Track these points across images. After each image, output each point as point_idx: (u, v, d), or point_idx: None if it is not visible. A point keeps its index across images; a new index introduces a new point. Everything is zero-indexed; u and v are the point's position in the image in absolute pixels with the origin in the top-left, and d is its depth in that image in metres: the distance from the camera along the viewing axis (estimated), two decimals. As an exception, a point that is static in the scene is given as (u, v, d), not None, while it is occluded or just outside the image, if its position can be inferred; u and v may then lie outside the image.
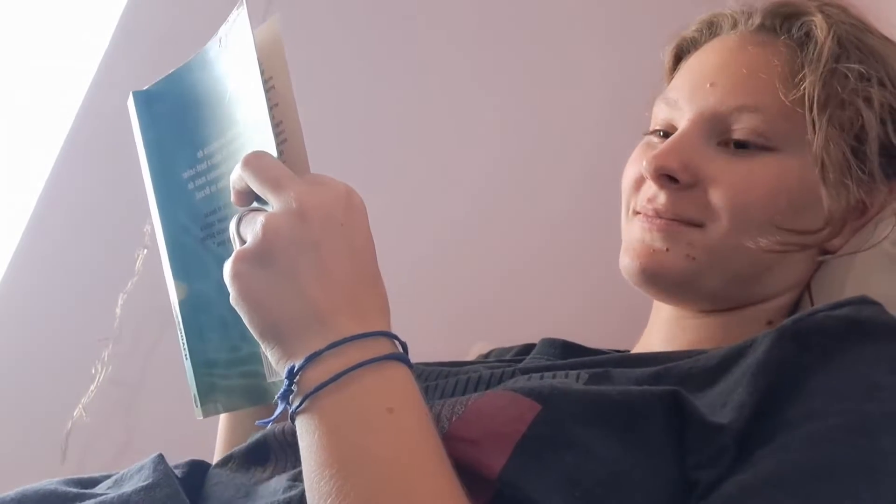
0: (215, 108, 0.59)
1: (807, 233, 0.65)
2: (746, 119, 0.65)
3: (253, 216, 0.52)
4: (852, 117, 0.65)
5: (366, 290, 0.52)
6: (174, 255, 0.64)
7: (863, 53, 0.67)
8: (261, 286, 0.51)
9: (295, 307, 0.50)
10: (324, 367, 0.49)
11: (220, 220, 0.61)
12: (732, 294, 0.68)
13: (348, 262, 0.51)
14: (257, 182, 0.52)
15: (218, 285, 0.54)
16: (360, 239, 0.53)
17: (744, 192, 0.65)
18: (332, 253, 0.51)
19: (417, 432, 0.48)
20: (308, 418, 0.49)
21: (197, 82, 0.61)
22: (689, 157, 0.66)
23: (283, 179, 0.52)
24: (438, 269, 1.23)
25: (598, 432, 0.49)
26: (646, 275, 0.67)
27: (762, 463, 0.49)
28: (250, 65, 0.54)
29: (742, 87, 0.66)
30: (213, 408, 0.64)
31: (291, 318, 0.50)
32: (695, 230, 0.66)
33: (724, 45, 0.71)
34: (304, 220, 0.50)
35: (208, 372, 0.63)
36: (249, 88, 0.54)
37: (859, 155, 0.65)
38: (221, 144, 0.59)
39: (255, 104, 0.54)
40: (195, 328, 0.63)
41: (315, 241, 0.50)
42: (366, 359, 0.49)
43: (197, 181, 0.62)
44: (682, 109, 0.69)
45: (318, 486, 0.47)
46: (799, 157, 0.65)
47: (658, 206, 0.67)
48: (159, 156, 0.65)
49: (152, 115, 0.65)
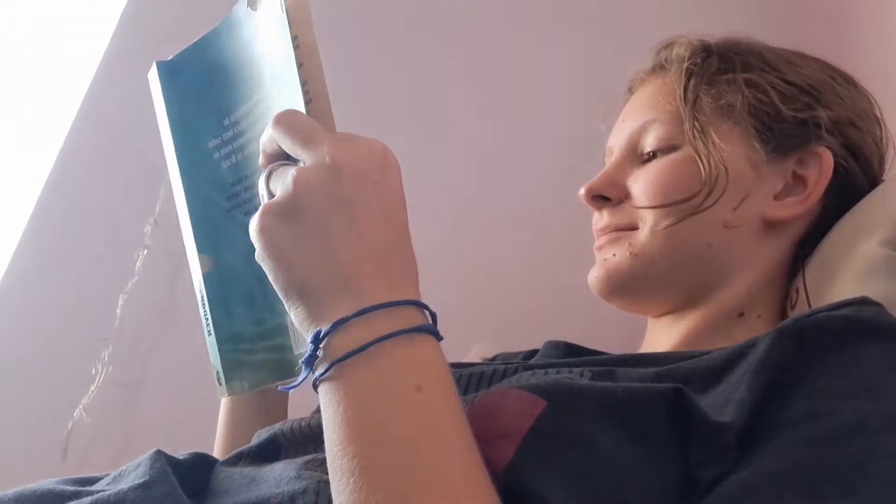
0: (241, 71, 0.58)
1: (686, 199, 0.72)
2: (650, 132, 0.76)
3: (284, 169, 0.51)
4: (717, 99, 0.74)
5: (397, 255, 0.51)
6: (199, 229, 0.63)
7: (725, 51, 0.77)
8: (288, 242, 0.49)
9: (323, 267, 0.49)
10: (351, 335, 0.47)
11: (246, 189, 0.60)
12: (688, 281, 0.74)
13: (381, 223, 0.50)
14: (289, 139, 0.51)
15: (245, 256, 0.53)
16: (394, 200, 0.51)
17: (651, 188, 0.74)
18: (365, 212, 0.49)
19: (445, 413, 0.47)
20: (332, 388, 0.47)
21: (224, 47, 0.60)
22: (614, 178, 0.77)
23: (316, 135, 0.50)
24: (438, 269, 1.23)
25: (602, 428, 0.49)
26: (601, 281, 0.76)
27: (762, 461, 0.49)
28: (278, 22, 0.53)
29: (643, 110, 0.79)
30: (239, 385, 0.62)
31: (318, 278, 0.49)
32: (632, 233, 0.75)
33: (633, 94, 0.84)
34: (338, 175, 0.49)
35: (234, 348, 0.61)
36: (278, 47, 0.53)
37: (742, 126, 0.73)
38: (249, 108, 0.58)
39: (283, 63, 0.53)
40: (220, 302, 0.62)
41: (348, 198, 0.49)
42: (395, 329, 0.47)
43: (223, 150, 0.61)
44: (612, 150, 0.81)
45: (340, 462, 0.46)
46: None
47: (601, 226, 0.78)
48: (183, 128, 0.64)
49: (176, 86, 0.64)
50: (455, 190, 1.24)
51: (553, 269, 1.19)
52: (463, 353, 1.02)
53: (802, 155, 0.74)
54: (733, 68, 0.76)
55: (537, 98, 1.27)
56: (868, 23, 0.77)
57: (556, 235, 1.19)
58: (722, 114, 0.74)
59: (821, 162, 0.74)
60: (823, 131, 0.74)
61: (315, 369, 0.48)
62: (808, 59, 0.79)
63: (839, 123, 0.75)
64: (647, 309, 0.79)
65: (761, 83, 0.75)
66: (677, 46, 0.80)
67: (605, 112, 0.88)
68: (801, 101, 0.75)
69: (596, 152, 0.87)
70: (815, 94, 0.75)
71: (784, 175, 0.74)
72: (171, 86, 0.64)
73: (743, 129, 0.74)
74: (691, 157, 0.73)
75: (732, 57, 0.77)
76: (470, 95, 1.27)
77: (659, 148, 0.75)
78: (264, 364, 0.60)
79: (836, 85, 0.77)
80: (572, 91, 1.26)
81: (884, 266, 0.68)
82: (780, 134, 0.74)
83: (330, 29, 1.27)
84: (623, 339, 0.84)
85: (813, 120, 0.74)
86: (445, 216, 1.24)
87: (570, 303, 1.13)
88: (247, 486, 0.56)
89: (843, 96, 0.77)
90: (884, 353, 0.54)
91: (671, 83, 0.77)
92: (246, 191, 0.60)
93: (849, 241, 0.72)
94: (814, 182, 0.74)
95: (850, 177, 0.76)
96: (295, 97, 0.52)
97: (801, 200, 0.74)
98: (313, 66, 0.53)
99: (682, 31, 0.82)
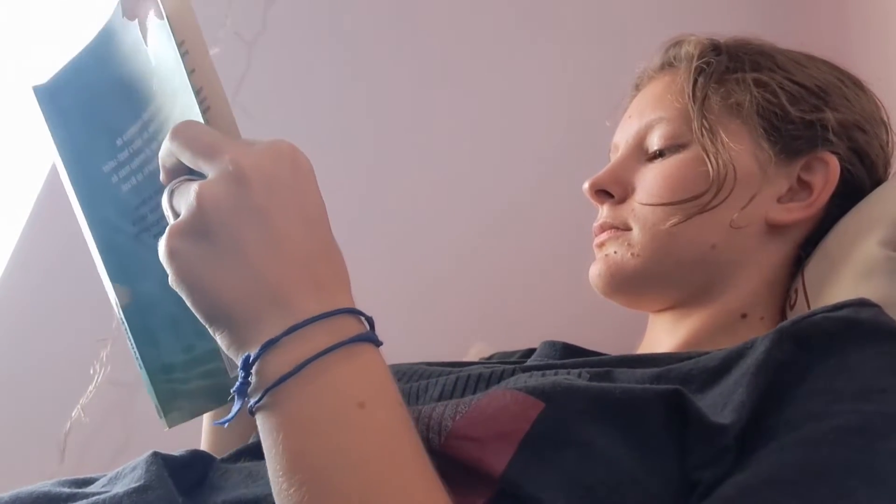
0: (128, 86, 0.53)
1: (694, 198, 0.71)
2: (657, 130, 0.76)
3: (186, 185, 0.47)
4: (726, 98, 0.74)
5: (323, 260, 0.47)
6: (109, 259, 0.58)
7: (734, 50, 0.77)
8: (201, 263, 0.45)
9: (243, 286, 0.45)
10: (284, 356, 0.44)
11: (152, 210, 0.55)
12: (691, 280, 0.74)
13: (301, 229, 0.46)
14: (188, 152, 0.47)
15: (161, 282, 0.48)
16: (310, 202, 0.47)
17: (658, 186, 0.74)
18: (281, 219, 0.45)
19: (392, 427, 0.45)
20: (269, 415, 0.44)
21: (104, 61, 0.54)
22: (619, 174, 0.77)
23: (217, 143, 0.46)
24: (438, 269, 1.23)
25: (600, 430, 0.49)
26: (603, 278, 0.75)
27: (761, 463, 0.48)
28: (161, 29, 0.48)
29: (650, 108, 0.78)
30: (179, 416, 0.58)
31: (240, 298, 0.45)
32: (629, 233, 0.74)
33: (639, 91, 0.83)
34: (244, 183, 0.45)
35: (167, 378, 0.57)
36: (165, 55, 0.49)
37: (751, 126, 0.73)
38: (142, 125, 0.54)
39: (173, 71, 0.49)
40: (145, 333, 0.57)
41: (259, 206, 0.45)
42: (331, 344, 0.44)
43: (121, 172, 0.56)
44: (618, 147, 0.80)
45: (287, 493, 0.43)
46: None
47: (601, 221, 0.77)
48: (74, 154, 0.58)
49: (59, 110, 0.58)
50: (454, 190, 1.24)
51: (553, 269, 1.19)
52: (462, 352, 1.02)
53: (809, 159, 0.74)
54: (742, 67, 0.75)
55: (538, 96, 1.28)
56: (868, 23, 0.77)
57: (556, 235, 1.19)
58: (730, 113, 0.74)
59: (827, 169, 0.73)
60: (831, 133, 0.73)
61: (249, 397, 0.45)
62: (816, 61, 0.79)
63: (846, 126, 0.75)
64: (648, 305, 0.78)
65: (770, 83, 0.74)
66: (686, 44, 0.79)
67: (604, 112, 0.88)
68: (809, 102, 0.74)
69: (596, 152, 0.87)
70: (823, 96, 0.75)
71: (789, 178, 0.74)
72: (54, 110, 0.59)
73: (751, 128, 0.73)
74: (699, 156, 0.73)
75: (742, 56, 0.76)
76: (470, 96, 1.27)
77: (666, 146, 0.75)
78: (201, 391, 0.56)
79: (844, 87, 0.77)
80: (570, 89, 1.26)
81: (883, 266, 0.68)
82: (787, 135, 0.73)
83: (331, 26, 1.27)
84: (622, 339, 0.84)
85: (820, 122, 0.74)
86: (445, 216, 1.24)
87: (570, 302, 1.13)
88: (244, 482, 0.56)
89: (850, 99, 0.76)
90: (882, 354, 0.54)
91: (680, 81, 0.77)
92: (152, 212, 0.55)
93: (848, 241, 0.71)
94: (819, 189, 0.73)
95: (855, 181, 0.75)
96: (190, 106, 0.48)
97: (805, 206, 0.73)
98: (206, 70, 0.48)
99: (680, 30, 0.82)
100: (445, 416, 0.50)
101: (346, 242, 0.50)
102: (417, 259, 1.23)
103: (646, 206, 0.73)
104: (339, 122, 1.22)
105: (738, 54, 0.77)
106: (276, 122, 1.18)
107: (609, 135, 0.84)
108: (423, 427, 0.50)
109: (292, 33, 1.25)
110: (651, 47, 0.84)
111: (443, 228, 1.24)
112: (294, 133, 1.18)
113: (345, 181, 1.25)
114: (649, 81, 0.82)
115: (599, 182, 0.77)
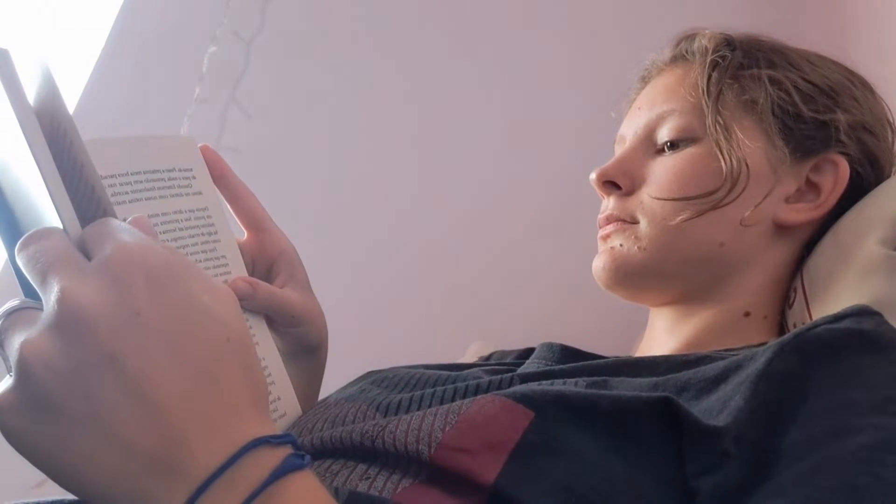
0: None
1: (707, 194, 0.71)
2: (668, 122, 0.75)
3: (11, 332, 0.37)
4: (740, 94, 0.73)
5: (208, 385, 0.37)
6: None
7: (748, 46, 0.76)
8: (51, 443, 0.35)
9: (112, 460, 0.35)
10: None
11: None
12: (696, 277, 0.73)
13: (168, 360, 0.36)
14: (30, 275, 0.38)
15: None
16: (182, 311, 0.37)
17: (670, 180, 0.73)
18: (137, 360, 0.35)
19: None
20: None
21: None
22: (627, 166, 0.76)
23: (48, 268, 0.37)
24: (437, 269, 1.23)
25: (590, 439, 0.49)
26: (607, 271, 0.74)
27: (796, 487, 0.46)
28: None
29: (661, 99, 0.77)
30: None
31: (115, 476, 0.35)
32: (636, 226, 0.74)
33: (648, 83, 0.82)
34: (79, 329, 0.35)
35: None
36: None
37: (765, 123, 0.73)
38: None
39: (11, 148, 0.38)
40: None
41: (104, 354, 0.35)
42: (244, 498, 0.35)
43: None
44: (625, 138, 0.79)
45: None
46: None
47: (607, 213, 0.76)
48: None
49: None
50: (454, 191, 1.24)
51: (553, 271, 1.19)
52: (461, 352, 1.02)
53: (818, 160, 0.73)
54: (757, 64, 0.75)
55: (539, 99, 1.28)
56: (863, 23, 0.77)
57: (558, 236, 1.19)
58: (744, 109, 0.73)
59: (837, 171, 0.73)
60: (842, 134, 0.73)
61: None
62: (827, 61, 0.78)
63: (856, 128, 0.74)
64: (650, 299, 0.78)
65: (784, 81, 0.74)
66: (700, 38, 0.78)
67: (603, 111, 0.88)
68: (821, 102, 0.74)
69: (596, 152, 0.87)
70: (834, 96, 0.75)
71: (798, 178, 0.74)
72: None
73: (765, 126, 0.73)
74: (711, 151, 0.72)
75: (756, 52, 0.76)
76: (470, 96, 1.27)
77: (677, 139, 0.74)
78: None
79: (854, 88, 0.76)
80: (576, 91, 1.26)
81: (882, 265, 0.68)
82: (799, 135, 0.73)
83: (329, 24, 1.27)
84: (622, 338, 0.84)
85: (832, 123, 0.73)
86: (445, 216, 1.24)
87: (569, 302, 1.13)
88: None
89: (860, 100, 0.76)
90: (886, 365, 0.53)
91: (693, 75, 0.76)
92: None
93: (847, 240, 0.71)
94: (828, 191, 0.73)
95: (863, 183, 0.75)
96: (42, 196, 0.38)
97: (813, 207, 0.73)
98: (35, 138, 0.38)
99: (679, 29, 0.82)
100: (435, 427, 0.50)
101: (344, 242, 0.50)
102: (417, 258, 1.23)
103: (656, 199, 0.73)
104: (336, 121, 1.22)
105: (752, 50, 0.76)
106: (274, 121, 1.18)
107: (608, 130, 0.84)
108: (412, 440, 0.49)
109: (290, 32, 1.25)
110: (646, 47, 0.83)
111: (443, 228, 1.24)
112: (292, 132, 1.18)
113: (343, 180, 1.25)
114: (659, 74, 0.81)
115: (607, 173, 0.76)
